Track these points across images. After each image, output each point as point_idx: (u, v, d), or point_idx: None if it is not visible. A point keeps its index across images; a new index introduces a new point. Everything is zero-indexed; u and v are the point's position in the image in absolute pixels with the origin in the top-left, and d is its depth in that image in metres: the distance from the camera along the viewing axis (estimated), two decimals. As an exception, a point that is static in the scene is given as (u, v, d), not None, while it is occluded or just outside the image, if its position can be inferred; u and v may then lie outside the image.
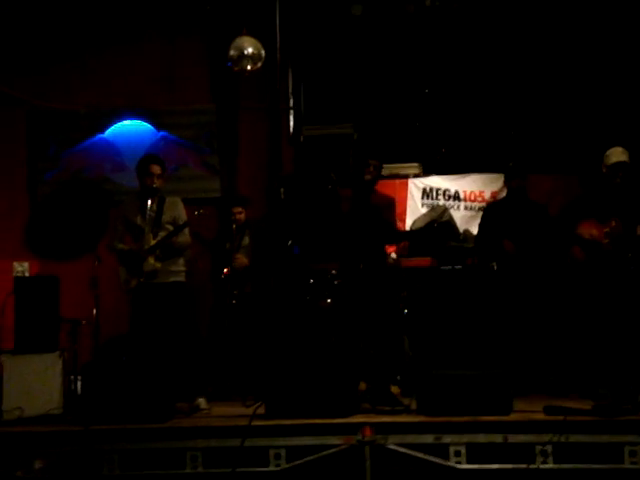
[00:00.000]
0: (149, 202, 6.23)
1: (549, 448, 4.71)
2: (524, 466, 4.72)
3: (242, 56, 7.79)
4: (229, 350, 7.28)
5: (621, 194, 6.33)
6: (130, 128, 9.24)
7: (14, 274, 8.41)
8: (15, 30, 9.22)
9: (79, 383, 6.18)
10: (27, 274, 8.57)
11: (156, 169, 6.30)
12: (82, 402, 5.62)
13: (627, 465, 4.68)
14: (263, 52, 7.85)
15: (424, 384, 5.39)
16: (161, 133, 9.18)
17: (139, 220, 6.25)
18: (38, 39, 9.22)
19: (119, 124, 9.25)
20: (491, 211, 7.41)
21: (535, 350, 6.77)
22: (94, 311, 6.54)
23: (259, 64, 7.88)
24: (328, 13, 9.16)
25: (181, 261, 6.39)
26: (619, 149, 6.38)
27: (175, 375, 5.74)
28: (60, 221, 9.08)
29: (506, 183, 7.35)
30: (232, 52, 7.83)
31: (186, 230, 6.33)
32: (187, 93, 9.20)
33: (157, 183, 6.28)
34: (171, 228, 6.26)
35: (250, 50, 7.76)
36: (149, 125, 9.23)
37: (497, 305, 6.87)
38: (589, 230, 6.31)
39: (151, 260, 6.15)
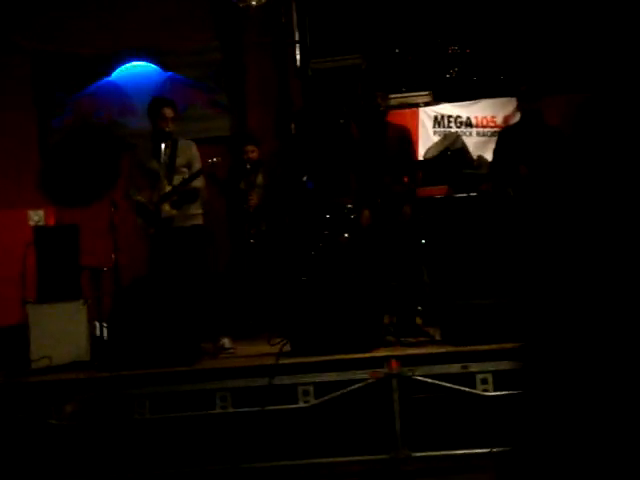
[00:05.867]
0: (163, 146, 6.19)
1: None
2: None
3: (247, -8, 7.68)
4: (251, 289, 7.31)
5: None
6: (137, 70, 9.11)
7: (30, 223, 8.40)
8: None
9: (104, 329, 6.22)
10: (43, 223, 8.56)
11: (169, 112, 6.27)
12: (109, 348, 5.66)
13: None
14: (268, -14, 7.73)
15: (448, 314, 5.40)
16: (168, 74, 9.05)
17: (154, 164, 6.23)
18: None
19: (125, 66, 9.12)
20: (505, 136, 7.20)
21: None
22: (113, 256, 6.48)
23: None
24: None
25: (197, 204, 6.39)
26: None
27: (198, 316, 5.77)
28: (73, 167, 9.02)
29: (519, 106, 7.19)
30: (237, -12, 7.71)
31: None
32: (191, 31, 9.03)
33: (171, 127, 6.26)
34: (186, 172, 6.25)
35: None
36: (155, 66, 9.10)
37: (514, 232, 6.83)
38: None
39: (167, 207, 6.14)
